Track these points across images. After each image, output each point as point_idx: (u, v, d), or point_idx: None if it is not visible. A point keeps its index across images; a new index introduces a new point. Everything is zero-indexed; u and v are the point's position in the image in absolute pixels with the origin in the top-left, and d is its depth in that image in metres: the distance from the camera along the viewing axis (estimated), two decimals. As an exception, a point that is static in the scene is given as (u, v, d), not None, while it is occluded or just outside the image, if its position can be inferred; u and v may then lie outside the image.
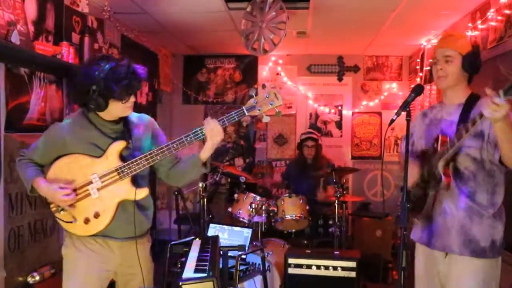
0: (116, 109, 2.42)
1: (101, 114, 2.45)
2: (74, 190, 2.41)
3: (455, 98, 2.57)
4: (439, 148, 2.47)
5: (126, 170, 2.41)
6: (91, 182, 2.42)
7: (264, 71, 6.94)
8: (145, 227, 2.65)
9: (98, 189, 2.42)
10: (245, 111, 2.42)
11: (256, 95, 2.44)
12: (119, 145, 2.44)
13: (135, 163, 2.41)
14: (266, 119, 2.45)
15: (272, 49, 4.43)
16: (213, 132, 2.40)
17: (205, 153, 2.50)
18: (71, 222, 2.45)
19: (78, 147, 2.44)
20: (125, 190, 2.44)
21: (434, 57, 2.59)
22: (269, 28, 4.31)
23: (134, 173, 2.42)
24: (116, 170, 2.41)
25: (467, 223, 2.46)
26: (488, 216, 2.44)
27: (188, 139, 2.41)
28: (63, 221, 2.47)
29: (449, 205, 2.50)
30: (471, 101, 2.48)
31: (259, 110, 2.42)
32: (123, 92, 2.35)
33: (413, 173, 2.59)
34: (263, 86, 2.36)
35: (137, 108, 2.65)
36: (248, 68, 6.97)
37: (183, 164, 2.60)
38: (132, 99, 2.44)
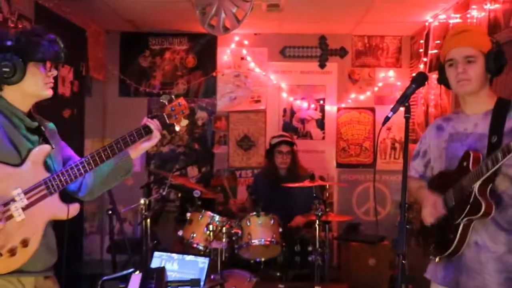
0: (34, 82, 2.41)
1: (13, 96, 2.42)
2: None
3: (480, 105, 2.65)
4: (471, 167, 2.51)
5: (56, 182, 2.41)
6: (13, 200, 2.34)
7: (224, 55, 6.94)
8: (54, 256, 2.64)
9: (24, 209, 2.35)
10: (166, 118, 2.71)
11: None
12: (45, 150, 2.44)
13: (66, 174, 2.43)
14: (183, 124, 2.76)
15: (235, 27, 4.44)
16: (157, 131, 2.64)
17: (138, 152, 2.69)
18: None
19: None
20: (56, 207, 2.45)
21: (449, 58, 2.66)
22: (231, -2, 4.32)
23: (65, 185, 2.44)
24: (45, 183, 2.39)
25: (507, 257, 2.50)
26: None
27: (132, 138, 2.57)
28: None
29: (481, 235, 2.54)
30: (501, 108, 2.55)
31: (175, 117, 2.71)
32: (47, 52, 2.38)
33: (437, 204, 2.66)
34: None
35: (59, 101, 2.65)
36: (204, 50, 6.95)
37: (105, 168, 2.65)
38: (55, 72, 2.47)
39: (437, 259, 2.70)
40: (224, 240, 4.56)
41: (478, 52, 2.57)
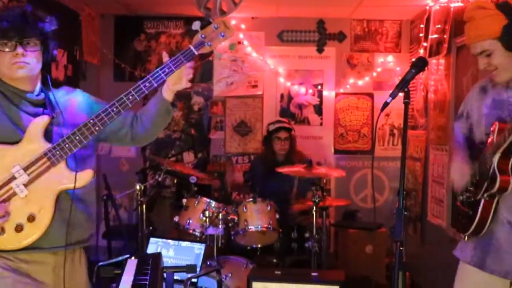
0: (5, 63, 2.39)
1: (5, 79, 2.46)
2: None
3: None
4: (495, 139, 2.47)
5: (58, 152, 2.38)
6: (14, 178, 2.36)
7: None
8: (87, 232, 2.65)
9: (26, 185, 2.36)
10: (193, 49, 2.54)
11: (201, 28, 2.56)
12: (41, 122, 2.42)
13: (68, 141, 2.38)
14: (218, 55, 2.75)
15: (232, 10, 4.42)
16: (176, 76, 2.57)
17: (170, 92, 2.63)
18: None
19: None
20: (63, 177, 2.41)
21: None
22: (228, -19, 4.31)
23: (69, 153, 2.40)
24: (45, 154, 2.38)
25: None
26: None
27: (147, 84, 2.52)
28: None
29: None
30: None
31: (209, 45, 2.56)
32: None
33: (464, 173, 2.61)
34: (207, 16, 2.67)
35: (54, 85, 2.63)
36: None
37: (150, 114, 2.66)
38: (19, 50, 2.37)
39: (465, 238, 2.67)
40: (220, 226, 4.57)
41: (490, 42, 2.49)
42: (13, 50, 2.37)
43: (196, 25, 2.54)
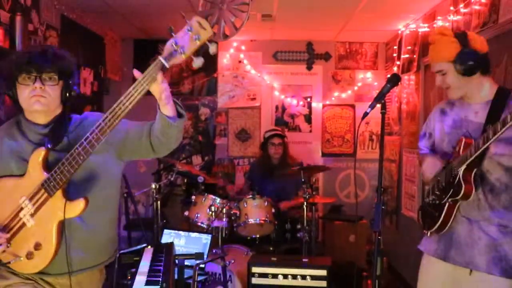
0: (22, 98, 2.21)
1: (25, 113, 2.30)
2: (6, 227, 2.23)
3: (481, 95, 2.52)
4: (461, 152, 2.44)
5: (51, 182, 2.14)
6: (22, 208, 2.21)
7: (224, 58, 6.92)
8: (92, 255, 2.37)
9: (32, 215, 2.19)
10: (162, 61, 2.07)
11: (174, 33, 2.04)
12: (38, 154, 2.19)
13: (59, 171, 2.12)
14: (197, 63, 2.09)
15: (233, 34, 4.38)
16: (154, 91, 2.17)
17: (164, 107, 2.21)
18: (11, 262, 2.23)
19: (6, 166, 2.26)
20: (58, 208, 2.16)
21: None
22: (230, 10, 4.28)
23: (63, 183, 2.14)
24: (42, 185, 2.16)
25: (498, 237, 2.41)
26: None
27: (122, 106, 2.10)
28: (4, 264, 2.26)
29: (475, 218, 2.46)
30: (501, 98, 2.44)
31: (182, 53, 2.05)
32: (19, 68, 2.17)
33: (436, 166, 2.61)
34: (183, 17, 1.82)
35: (81, 99, 2.57)
36: (207, 54, 6.87)
37: (156, 129, 2.26)
38: (37, 84, 2.18)
39: (429, 234, 2.65)
40: (224, 219, 4.56)
41: (445, 64, 2.48)
42: (32, 83, 2.18)
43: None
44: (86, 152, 2.08)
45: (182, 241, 4.19)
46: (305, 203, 4.71)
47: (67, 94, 2.29)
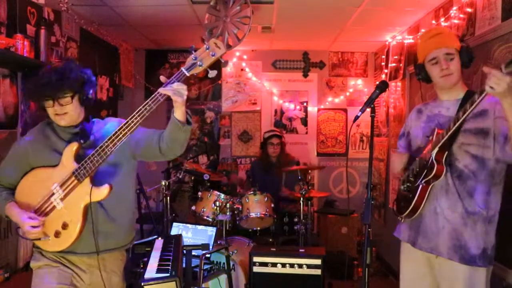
0: (50, 115, 2.39)
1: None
2: (38, 210, 2.36)
3: (454, 94, 2.57)
4: (434, 139, 2.47)
5: (82, 171, 2.30)
6: (53, 194, 2.36)
7: (228, 67, 6.93)
8: (114, 239, 2.50)
9: (62, 199, 2.34)
10: (185, 71, 2.26)
11: (195, 50, 2.26)
12: (72, 147, 2.36)
13: (89, 161, 2.29)
14: (211, 74, 2.30)
15: (236, 44, 4.42)
16: (176, 90, 2.24)
17: (177, 110, 2.28)
18: (41, 239, 2.37)
19: (40, 159, 2.41)
20: (86, 193, 2.31)
21: (431, 57, 2.55)
22: (233, 22, 4.30)
23: (91, 171, 2.30)
24: (73, 173, 2.32)
25: (460, 226, 2.43)
26: (483, 220, 2.41)
27: (147, 107, 2.28)
28: (34, 240, 2.39)
29: (442, 204, 2.48)
30: (469, 97, 2.45)
31: (200, 65, 2.25)
32: (38, 99, 2.35)
33: (403, 160, 2.66)
34: (202, 40, 2.04)
35: (98, 104, 2.61)
36: (212, 63, 6.90)
37: (167, 132, 2.38)
38: (56, 107, 2.34)
39: (402, 219, 2.66)
40: (228, 213, 4.55)
41: (454, 50, 2.50)
42: (52, 106, 2.34)
43: (192, 48, 2.27)
44: (113, 145, 2.26)
45: (189, 233, 4.18)
46: (301, 198, 4.70)
47: (85, 98, 2.44)
